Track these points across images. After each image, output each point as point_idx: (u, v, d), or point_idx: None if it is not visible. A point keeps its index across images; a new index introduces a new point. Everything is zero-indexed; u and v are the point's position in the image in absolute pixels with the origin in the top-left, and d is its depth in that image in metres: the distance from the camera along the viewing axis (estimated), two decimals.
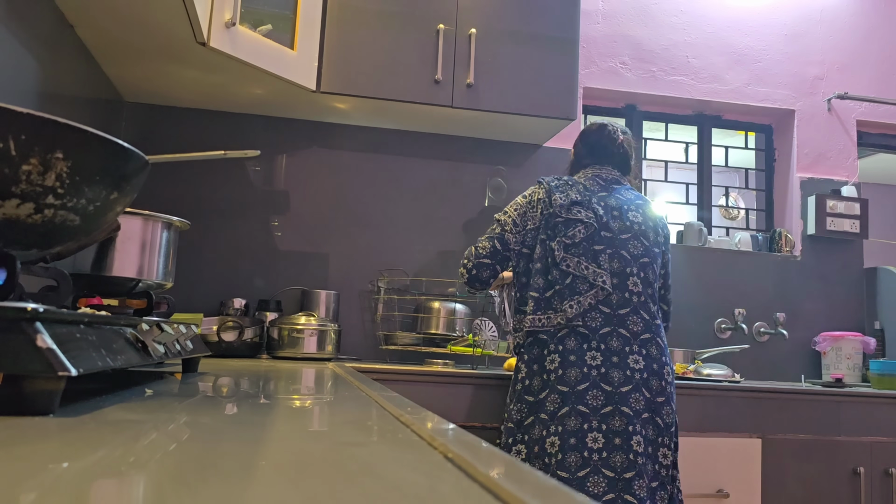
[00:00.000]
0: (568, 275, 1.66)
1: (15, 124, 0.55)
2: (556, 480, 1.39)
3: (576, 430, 1.56)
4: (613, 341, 1.63)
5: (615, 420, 1.57)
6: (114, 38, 1.86)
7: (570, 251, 1.68)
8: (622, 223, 1.73)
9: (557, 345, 1.63)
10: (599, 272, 1.66)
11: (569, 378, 1.59)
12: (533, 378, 1.65)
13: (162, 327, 0.85)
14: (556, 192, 1.74)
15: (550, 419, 1.58)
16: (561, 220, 1.71)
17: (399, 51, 2.27)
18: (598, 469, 1.54)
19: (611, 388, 1.59)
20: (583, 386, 1.59)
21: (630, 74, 2.83)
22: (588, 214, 1.71)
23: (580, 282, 1.66)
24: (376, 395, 0.86)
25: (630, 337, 1.64)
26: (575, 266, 1.66)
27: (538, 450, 1.58)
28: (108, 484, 0.33)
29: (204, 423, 0.55)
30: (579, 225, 1.69)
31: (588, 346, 1.62)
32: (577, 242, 1.68)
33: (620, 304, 1.65)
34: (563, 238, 1.69)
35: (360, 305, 2.51)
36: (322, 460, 0.41)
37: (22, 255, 0.65)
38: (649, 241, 1.75)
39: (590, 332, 1.63)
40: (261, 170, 2.51)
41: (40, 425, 0.48)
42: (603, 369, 1.60)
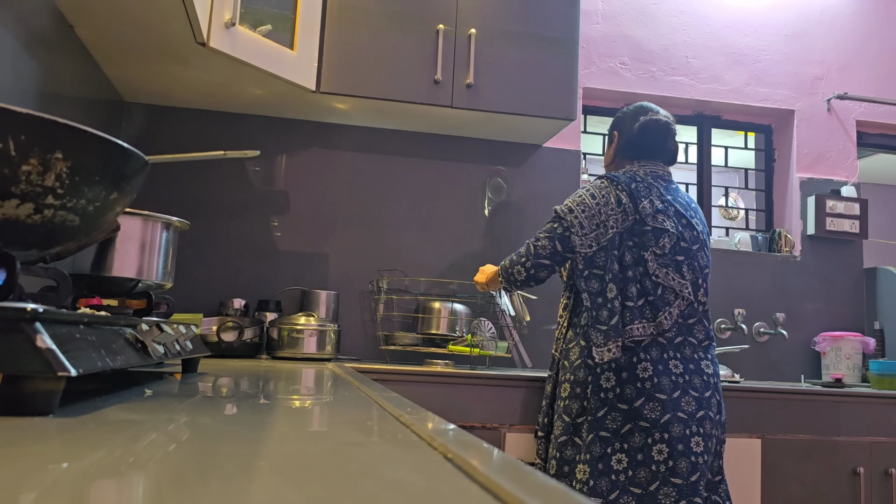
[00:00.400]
0: (659, 285, 1.66)
1: (15, 124, 0.55)
2: (672, 487, 1.43)
3: (680, 436, 1.58)
4: (686, 350, 1.67)
5: (706, 424, 1.62)
6: (113, 39, 1.86)
7: (660, 261, 1.67)
8: (692, 232, 1.73)
9: (645, 353, 1.63)
10: (684, 283, 1.68)
11: (663, 386, 1.61)
12: (625, 386, 1.62)
13: (161, 327, 0.85)
14: (641, 198, 1.70)
15: (653, 426, 1.59)
16: (649, 228, 1.68)
17: (399, 51, 2.27)
18: (704, 472, 1.59)
19: (697, 393, 1.63)
20: (676, 393, 1.61)
21: (630, 74, 2.83)
22: (671, 224, 1.70)
23: (669, 292, 1.67)
24: (376, 396, 0.86)
25: (696, 344, 1.68)
26: (664, 277, 1.67)
27: (642, 458, 1.58)
28: (108, 484, 0.33)
29: (204, 424, 0.55)
30: (666, 235, 1.68)
31: (668, 355, 1.64)
32: (666, 253, 1.68)
33: (690, 313, 1.69)
34: (654, 248, 1.67)
35: (359, 305, 2.51)
36: (322, 461, 0.41)
37: (22, 255, 0.65)
38: (709, 251, 1.79)
39: (667, 341, 1.65)
40: (260, 170, 2.51)
41: (40, 425, 0.48)
42: (686, 377, 1.64)
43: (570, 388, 1.70)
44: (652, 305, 1.65)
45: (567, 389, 1.70)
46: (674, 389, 1.61)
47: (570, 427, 1.68)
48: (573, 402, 1.68)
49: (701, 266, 1.72)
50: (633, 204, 1.69)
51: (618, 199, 1.70)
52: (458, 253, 2.58)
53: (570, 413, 1.69)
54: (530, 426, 1.94)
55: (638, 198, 1.70)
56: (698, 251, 1.73)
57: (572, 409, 1.68)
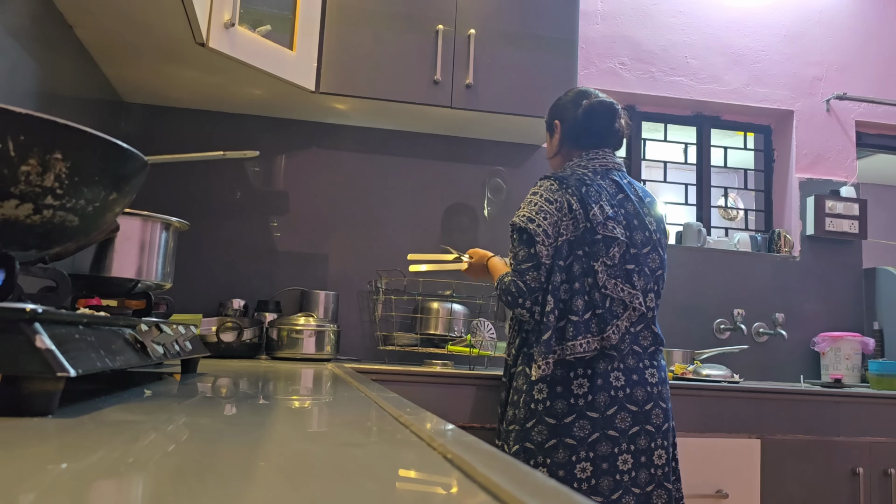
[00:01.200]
0: (608, 297, 1.56)
1: (14, 125, 0.55)
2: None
3: (607, 454, 1.52)
4: (630, 360, 1.57)
5: (641, 439, 1.55)
6: (113, 39, 1.86)
7: (610, 272, 1.57)
8: (643, 234, 1.63)
9: (586, 368, 1.55)
10: (635, 293, 1.58)
11: (598, 404, 1.53)
12: (556, 400, 1.54)
13: (161, 328, 0.85)
14: (590, 203, 1.58)
15: (580, 445, 1.52)
16: (599, 237, 1.57)
17: (398, 51, 2.27)
18: (628, 489, 1.53)
19: (636, 407, 1.55)
20: (611, 410, 1.53)
21: (629, 75, 2.83)
22: (621, 231, 1.59)
23: (617, 304, 1.57)
24: (375, 396, 0.86)
25: (641, 352, 1.59)
26: (613, 288, 1.57)
27: (564, 474, 1.52)
28: (107, 485, 0.33)
29: (203, 424, 0.55)
30: (616, 244, 1.58)
31: (612, 366, 1.55)
32: (616, 263, 1.58)
33: (638, 321, 1.60)
34: (605, 259, 1.57)
35: (359, 306, 2.51)
36: (321, 461, 0.41)
37: (21, 255, 0.65)
38: (663, 250, 1.68)
39: (616, 352, 1.56)
40: (260, 170, 2.51)
41: (39, 426, 0.48)
42: (628, 389, 1.55)
43: (510, 394, 1.65)
44: (600, 318, 1.55)
45: (511, 395, 1.64)
46: (609, 406, 1.53)
47: (502, 433, 1.64)
48: (509, 409, 1.63)
49: (653, 270, 1.63)
50: (584, 210, 1.58)
51: (569, 205, 1.59)
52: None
53: (504, 419, 1.65)
54: None
55: (588, 203, 1.58)
56: (650, 254, 1.63)
57: (506, 415, 1.64)
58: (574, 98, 1.76)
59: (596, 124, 1.71)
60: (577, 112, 1.73)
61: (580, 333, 1.54)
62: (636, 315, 1.58)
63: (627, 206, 1.64)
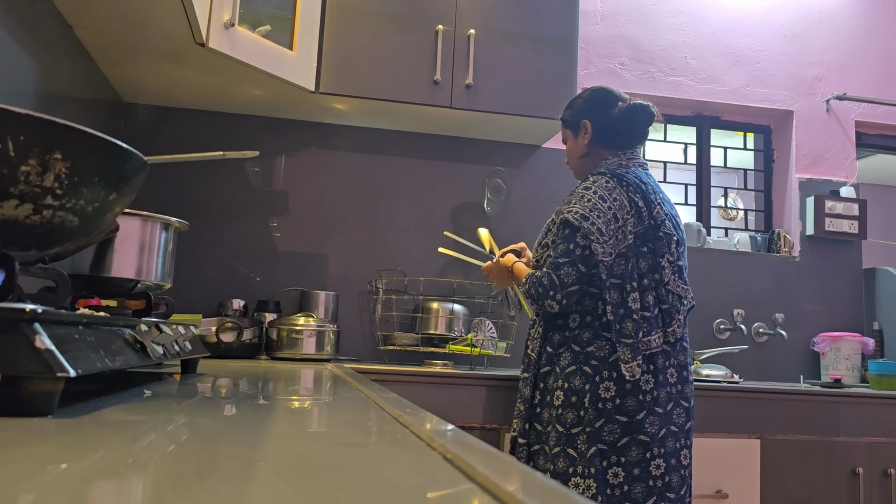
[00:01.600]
0: (670, 293, 1.62)
1: (13, 125, 0.55)
2: (666, 503, 1.56)
3: (673, 450, 1.56)
4: (681, 356, 1.63)
5: (692, 435, 1.62)
6: (113, 39, 1.86)
7: (673, 269, 1.64)
8: (681, 235, 1.69)
9: (649, 364, 1.57)
10: (687, 288, 1.66)
11: (661, 399, 1.56)
12: (626, 397, 1.54)
13: (161, 328, 0.85)
14: (653, 204, 1.63)
15: (652, 441, 1.53)
16: (662, 234, 1.62)
17: (398, 52, 2.27)
18: (690, 484, 1.60)
19: (688, 404, 1.61)
20: (670, 405, 1.58)
21: (629, 75, 2.83)
22: (677, 228, 1.68)
23: (677, 300, 1.63)
24: (375, 396, 0.86)
25: (687, 348, 1.66)
26: (674, 284, 1.63)
27: (639, 472, 1.52)
28: (107, 485, 0.33)
29: (203, 425, 0.55)
30: (674, 242, 1.64)
31: (668, 363, 1.60)
32: (674, 261, 1.64)
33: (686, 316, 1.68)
34: (668, 255, 1.62)
35: (358, 306, 2.51)
36: (321, 461, 0.41)
37: (20, 255, 0.65)
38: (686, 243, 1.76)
39: (671, 346, 1.61)
40: (260, 170, 2.51)
41: (39, 426, 0.48)
42: (679, 386, 1.60)
43: (563, 396, 1.57)
44: (665, 314, 1.60)
45: (560, 397, 1.58)
46: (668, 401, 1.58)
47: (564, 437, 1.56)
48: (567, 412, 1.56)
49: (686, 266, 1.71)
50: (648, 209, 1.61)
51: (631, 202, 1.61)
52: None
53: (563, 423, 1.56)
54: None
55: (652, 201, 1.63)
56: (684, 252, 1.70)
57: (566, 418, 1.56)
58: (605, 98, 1.75)
59: (634, 126, 1.72)
60: (613, 112, 1.72)
61: (653, 329, 1.57)
62: (686, 310, 1.66)
63: (665, 204, 1.69)
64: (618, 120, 1.72)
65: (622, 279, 1.57)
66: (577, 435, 1.54)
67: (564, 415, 1.56)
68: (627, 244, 1.58)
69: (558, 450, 1.56)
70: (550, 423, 1.59)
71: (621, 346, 1.54)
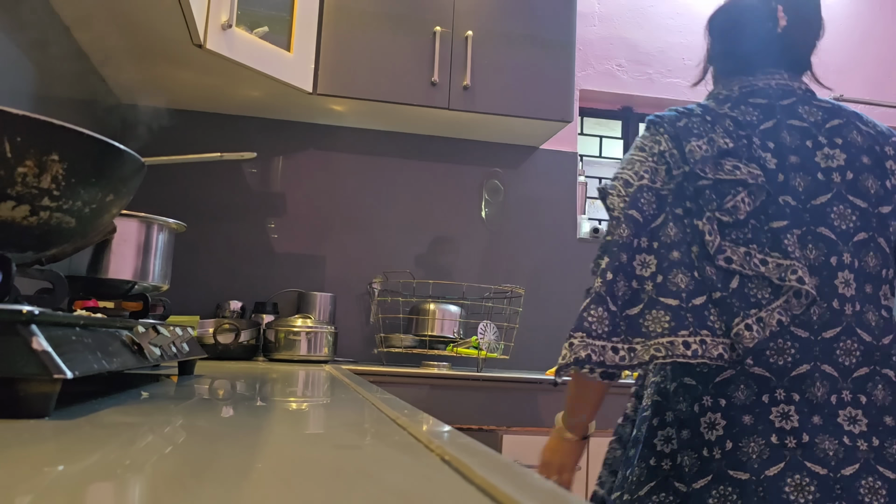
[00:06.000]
0: (733, 274, 0.97)
1: (10, 126, 0.55)
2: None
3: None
4: (817, 388, 0.94)
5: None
6: (110, 40, 1.85)
7: (731, 235, 0.99)
8: (813, 177, 1.02)
9: (717, 397, 0.97)
10: (790, 264, 0.96)
11: (746, 455, 0.93)
12: (683, 454, 0.99)
13: (158, 330, 0.85)
14: (689, 137, 1.02)
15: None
16: (707, 182, 0.99)
17: (396, 53, 2.27)
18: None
19: (826, 469, 0.91)
20: (774, 470, 0.91)
21: (626, 76, 2.84)
22: (751, 169, 1.00)
23: (756, 285, 0.97)
24: (373, 398, 0.86)
25: (838, 378, 0.96)
26: (742, 259, 0.97)
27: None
28: (104, 487, 0.33)
29: (200, 426, 0.55)
30: (740, 189, 0.99)
31: (771, 397, 0.95)
32: (742, 220, 0.99)
33: (825, 320, 0.97)
34: (715, 213, 0.99)
35: (356, 308, 2.50)
36: (318, 463, 0.41)
37: (17, 257, 0.65)
38: (872, 192, 1.03)
39: (773, 373, 0.95)
40: (257, 172, 2.51)
41: (35, 428, 0.48)
42: (806, 437, 0.92)
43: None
44: (720, 306, 0.97)
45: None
46: (769, 463, 0.92)
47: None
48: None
49: (843, 232, 1.00)
50: (678, 148, 1.02)
51: (657, 145, 1.04)
52: (455, 255, 2.58)
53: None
54: (527, 428, 1.94)
55: (683, 137, 1.02)
56: (829, 205, 1.01)
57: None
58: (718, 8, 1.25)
59: (723, 33, 1.21)
60: (718, 19, 1.25)
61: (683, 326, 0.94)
62: (800, 305, 0.96)
63: (781, 136, 1.04)
64: (718, 31, 1.24)
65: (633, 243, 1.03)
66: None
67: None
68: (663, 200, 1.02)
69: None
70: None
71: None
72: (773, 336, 0.96)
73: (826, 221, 1.01)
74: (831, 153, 1.04)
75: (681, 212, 1.01)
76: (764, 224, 1.00)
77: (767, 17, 1.17)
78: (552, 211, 2.67)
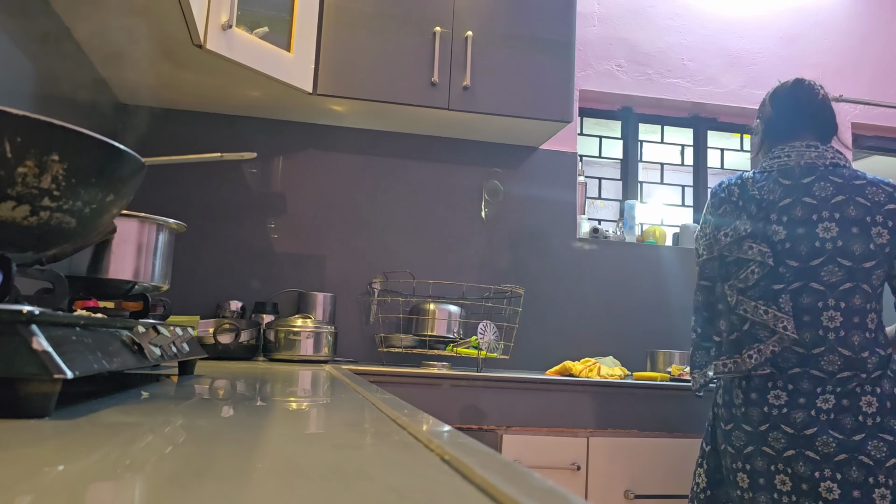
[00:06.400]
0: (746, 320, 1.52)
1: (11, 126, 0.55)
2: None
3: (764, 471, 1.47)
4: (804, 383, 1.45)
5: (799, 465, 1.42)
6: (110, 40, 1.86)
7: (746, 294, 1.52)
8: (811, 245, 1.47)
9: (742, 380, 1.53)
10: (780, 316, 1.47)
11: (751, 417, 1.50)
12: (721, 408, 1.59)
13: (158, 330, 0.85)
14: (721, 226, 1.56)
15: (738, 454, 1.52)
16: (731, 260, 1.55)
17: (395, 53, 2.27)
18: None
19: (793, 430, 1.44)
20: (764, 426, 1.47)
21: (626, 77, 2.84)
22: (762, 249, 1.49)
23: (760, 328, 1.49)
24: (373, 398, 0.86)
25: (825, 377, 1.44)
26: (752, 311, 1.50)
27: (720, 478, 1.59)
28: (104, 487, 0.33)
29: (200, 426, 0.55)
30: (752, 265, 1.51)
31: (773, 384, 1.48)
32: (752, 285, 1.51)
33: (814, 342, 1.46)
34: (735, 281, 1.53)
35: (356, 308, 2.51)
36: (318, 463, 0.41)
37: (17, 257, 0.65)
38: (852, 259, 1.46)
39: (778, 370, 1.48)
40: (257, 172, 2.51)
41: (35, 428, 0.48)
42: (785, 409, 1.45)
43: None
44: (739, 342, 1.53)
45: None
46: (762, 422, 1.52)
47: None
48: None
49: (831, 284, 1.46)
50: (714, 233, 1.59)
51: (707, 223, 1.63)
52: (454, 255, 2.58)
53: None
54: (527, 427, 1.94)
55: (720, 227, 1.57)
56: (821, 267, 1.47)
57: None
58: (773, 90, 1.65)
59: (783, 114, 1.59)
60: (767, 102, 1.65)
61: (723, 353, 1.57)
62: (789, 341, 1.46)
63: (794, 212, 1.50)
64: (770, 111, 1.62)
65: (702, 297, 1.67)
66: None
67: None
68: (704, 263, 1.64)
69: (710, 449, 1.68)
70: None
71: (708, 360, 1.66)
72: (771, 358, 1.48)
73: (817, 278, 1.47)
74: (829, 226, 1.48)
75: (721, 274, 1.58)
76: (769, 285, 1.49)
77: (812, 97, 1.58)
78: (552, 211, 2.67)
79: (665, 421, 1.99)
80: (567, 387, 1.97)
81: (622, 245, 2.71)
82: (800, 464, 1.42)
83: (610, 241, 2.70)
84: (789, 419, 1.44)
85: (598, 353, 2.55)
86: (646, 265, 2.70)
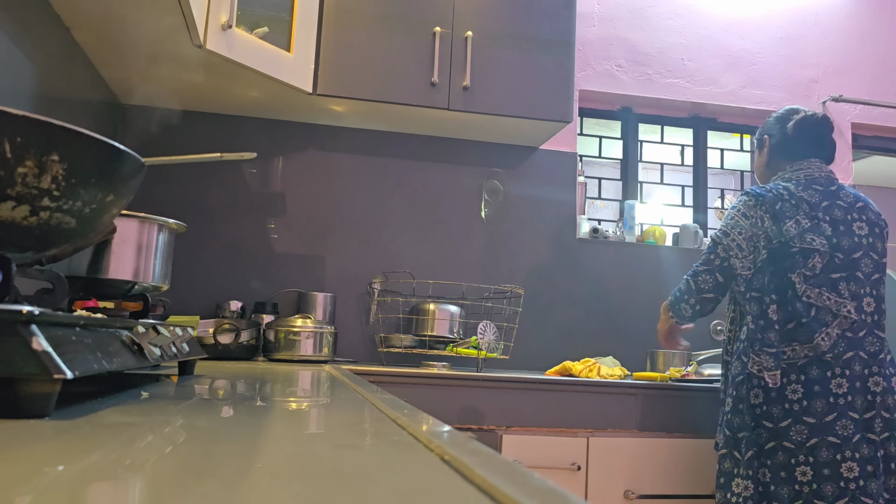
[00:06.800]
0: (811, 307, 1.65)
1: (10, 126, 0.55)
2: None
3: (828, 461, 1.56)
4: (856, 365, 1.62)
5: (863, 448, 1.58)
6: (110, 41, 1.86)
7: (811, 282, 1.66)
8: (851, 240, 1.70)
9: (799, 374, 1.62)
10: (842, 301, 1.65)
11: (814, 409, 1.59)
12: (772, 405, 1.63)
13: (158, 330, 0.85)
14: (784, 219, 1.70)
15: (798, 448, 1.58)
16: (796, 250, 1.68)
17: (395, 53, 2.27)
18: (856, 497, 1.56)
19: (857, 415, 1.60)
20: (831, 416, 1.58)
21: (626, 77, 2.84)
22: (822, 241, 1.68)
23: (824, 313, 1.65)
24: (372, 398, 0.86)
25: (868, 359, 1.64)
26: (817, 297, 1.65)
27: (785, 475, 1.60)
28: (104, 487, 0.33)
29: (200, 426, 0.55)
30: (815, 255, 1.67)
31: (833, 373, 1.61)
32: (817, 274, 1.66)
33: (859, 326, 1.65)
34: (803, 270, 1.66)
35: (356, 308, 2.51)
36: (318, 463, 0.41)
37: (17, 257, 0.65)
38: (878, 254, 1.73)
39: (834, 359, 1.62)
40: (257, 172, 2.51)
41: (35, 428, 0.48)
42: (849, 397, 1.60)
43: (732, 402, 1.71)
44: (806, 327, 1.63)
45: (730, 404, 1.72)
46: (828, 412, 1.59)
47: (731, 441, 1.70)
48: (735, 417, 1.69)
49: (867, 274, 1.69)
50: (777, 226, 1.69)
51: (761, 221, 1.72)
52: (454, 255, 2.58)
53: (731, 427, 1.70)
54: (527, 427, 1.95)
55: (782, 220, 1.69)
56: (860, 259, 1.69)
57: (734, 423, 1.69)
58: (783, 115, 1.91)
59: (806, 138, 1.83)
60: (787, 126, 1.87)
61: (783, 341, 1.65)
62: (848, 323, 1.64)
63: (834, 213, 1.72)
64: (791, 133, 1.85)
65: (761, 292, 1.70)
66: (741, 439, 1.67)
67: (732, 419, 1.70)
68: (762, 259, 1.70)
69: (725, 451, 1.72)
70: (720, 425, 1.76)
71: (763, 354, 1.66)
72: (836, 341, 1.63)
73: (859, 268, 1.69)
74: (861, 225, 1.73)
75: (774, 269, 1.68)
76: (828, 274, 1.67)
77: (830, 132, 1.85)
78: (552, 211, 2.67)
79: (665, 421, 1.99)
80: (567, 387, 1.97)
81: (622, 245, 2.71)
82: (863, 447, 1.58)
83: (610, 241, 2.70)
84: (854, 406, 1.60)
85: (597, 353, 2.55)
86: (646, 265, 2.70)
